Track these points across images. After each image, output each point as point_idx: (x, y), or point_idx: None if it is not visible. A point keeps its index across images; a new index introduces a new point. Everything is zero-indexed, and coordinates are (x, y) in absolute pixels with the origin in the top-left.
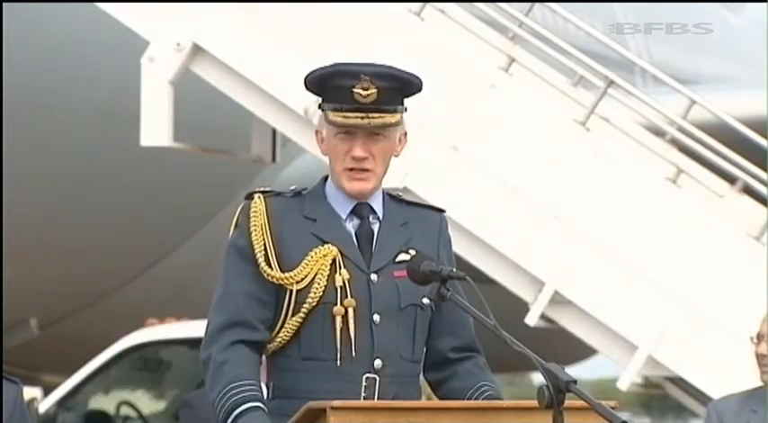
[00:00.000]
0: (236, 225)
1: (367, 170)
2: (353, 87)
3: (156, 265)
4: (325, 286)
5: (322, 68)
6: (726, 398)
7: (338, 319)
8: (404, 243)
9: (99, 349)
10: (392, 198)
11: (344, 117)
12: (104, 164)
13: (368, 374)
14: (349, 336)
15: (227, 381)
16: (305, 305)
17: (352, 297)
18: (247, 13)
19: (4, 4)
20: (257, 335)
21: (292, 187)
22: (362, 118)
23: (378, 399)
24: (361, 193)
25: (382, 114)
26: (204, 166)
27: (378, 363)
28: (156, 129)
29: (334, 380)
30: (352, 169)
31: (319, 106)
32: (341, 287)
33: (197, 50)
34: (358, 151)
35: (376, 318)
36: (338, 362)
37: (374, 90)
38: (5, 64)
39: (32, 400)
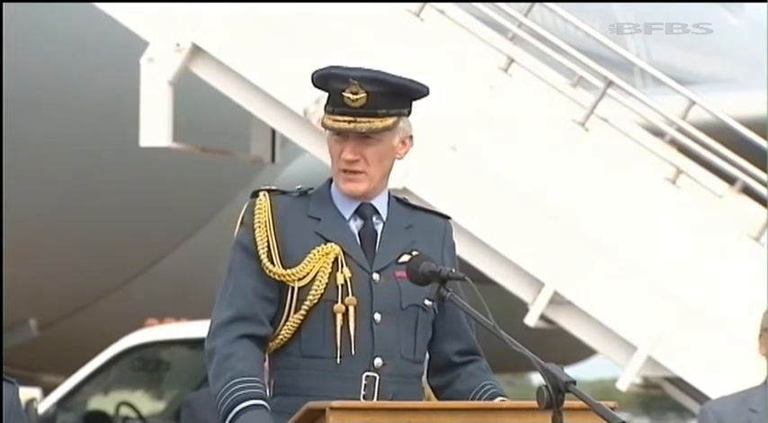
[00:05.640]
0: (241, 222)
1: (358, 172)
2: (343, 91)
3: (155, 265)
4: (327, 284)
5: (318, 70)
6: (721, 400)
7: (339, 317)
8: (407, 245)
9: (99, 349)
10: (398, 201)
11: (334, 120)
12: (104, 164)
13: (368, 373)
14: (349, 334)
15: (231, 375)
16: (306, 302)
17: (353, 295)
18: (247, 14)
19: (4, 4)
20: (263, 330)
21: (298, 187)
22: (349, 122)
23: (377, 397)
24: (353, 194)
25: (371, 119)
26: (204, 167)
27: (378, 361)
28: (155, 129)
29: (334, 378)
30: (345, 171)
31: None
32: (342, 285)
33: (196, 51)
34: (347, 154)
35: (377, 317)
36: (338, 360)
37: (363, 95)
38: (5, 64)
39: (32, 401)
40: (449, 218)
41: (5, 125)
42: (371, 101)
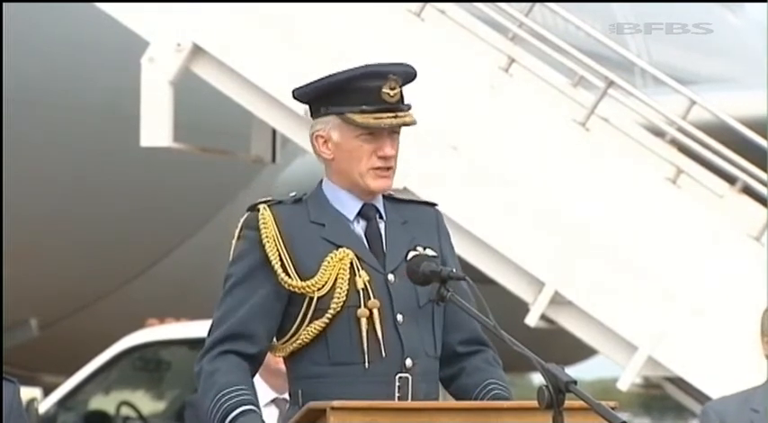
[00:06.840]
0: (239, 237)
1: (390, 168)
2: (382, 88)
3: (155, 265)
4: (348, 290)
5: (348, 71)
6: (723, 400)
7: (363, 322)
8: (409, 241)
9: (99, 349)
10: (386, 198)
11: (377, 118)
12: (104, 164)
13: (400, 374)
14: (376, 337)
15: (218, 388)
16: (329, 311)
17: (374, 298)
18: (247, 14)
19: (4, 4)
20: (252, 348)
21: (292, 194)
22: (395, 117)
23: (411, 398)
24: (383, 190)
25: (407, 112)
26: (204, 167)
27: (409, 362)
28: (155, 129)
29: (363, 383)
30: (378, 168)
31: (322, 111)
32: (362, 289)
33: (197, 51)
34: (389, 150)
35: (399, 317)
36: (366, 364)
37: (398, 89)
38: (5, 64)
39: (32, 401)
40: (435, 205)
41: (5, 125)
42: (402, 94)
